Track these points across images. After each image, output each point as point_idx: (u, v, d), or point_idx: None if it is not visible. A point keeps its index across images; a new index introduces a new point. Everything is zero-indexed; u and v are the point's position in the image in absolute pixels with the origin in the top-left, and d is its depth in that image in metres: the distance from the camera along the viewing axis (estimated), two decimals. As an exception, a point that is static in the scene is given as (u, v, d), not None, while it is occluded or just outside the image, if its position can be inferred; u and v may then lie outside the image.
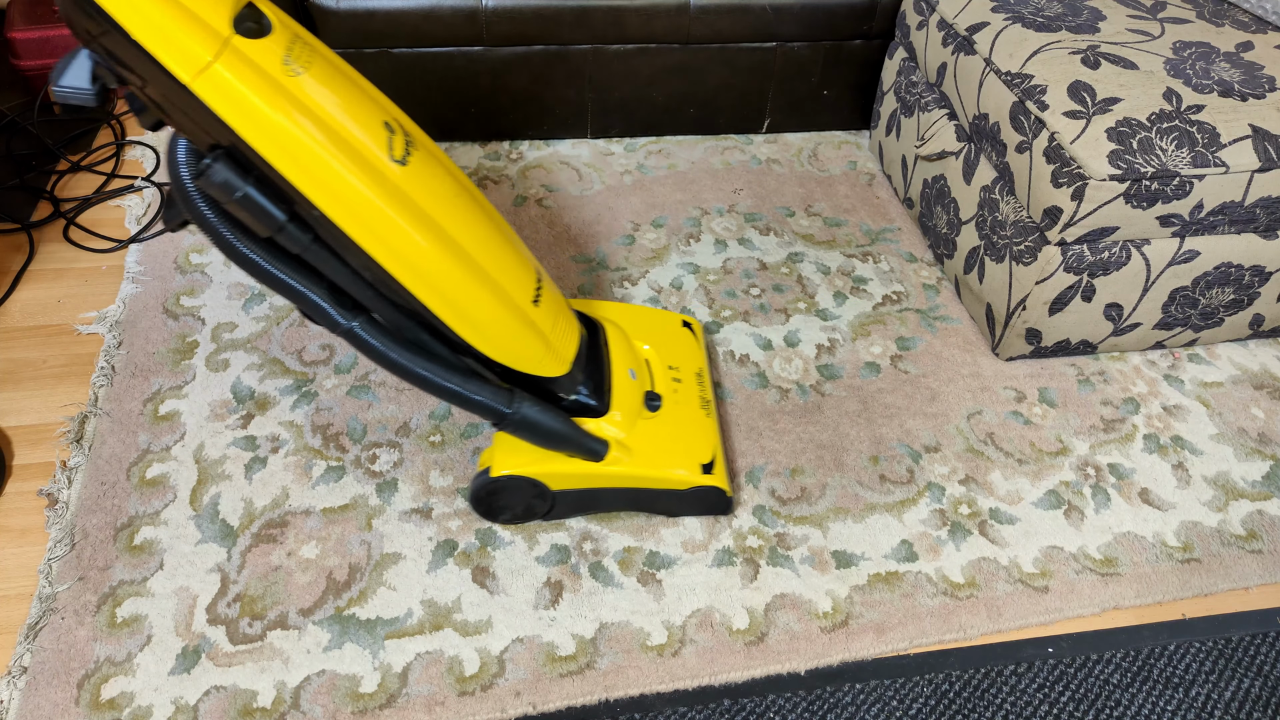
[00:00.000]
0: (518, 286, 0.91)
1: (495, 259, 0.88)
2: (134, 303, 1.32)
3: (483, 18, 1.52)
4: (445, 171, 0.85)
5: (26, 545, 1.02)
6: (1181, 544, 1.11)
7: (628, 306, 1.20)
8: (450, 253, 0.83)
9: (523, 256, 0.94)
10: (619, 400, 1.03)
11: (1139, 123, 1.10)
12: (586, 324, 1.10)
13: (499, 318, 0.89)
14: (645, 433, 1.04)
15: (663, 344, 1.16)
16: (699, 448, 1.05)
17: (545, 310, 0.94)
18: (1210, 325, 1.32)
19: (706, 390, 1.13)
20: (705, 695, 0.93)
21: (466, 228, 0.85)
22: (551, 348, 0.95)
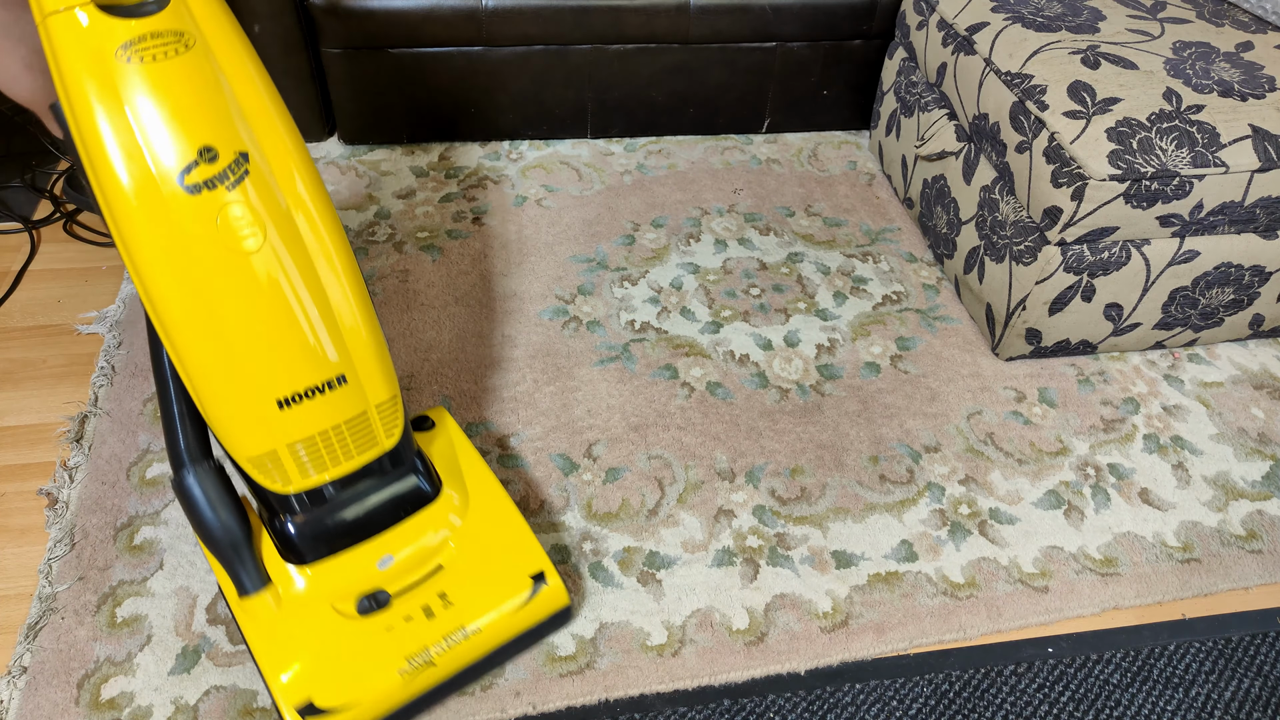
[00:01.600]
0: (266, 374, 0.78)
1: (249, 333, 0.77)
2: (134, 303, 1.32)
3: (483, 18, 1.52)
4: (254, 221, 0.76)
5: (26, 545, 1.02)
6: (1181, 544, 1.11)
7: (506, 505, 0.97)
8: (185, 290, 0.75)
9: (309, 356, 0.80)
10: (335, 568, 0.87)
11: (1139, 123, 1.10)
12: (413, 476, 0.92)
13: (214, 382, 0.78)
14: (318, 617, 0.86)
15: (476, 570, 0.92)
16: (334, 684, 0.83)
17: (298, 419, 0.81)
18: (1210, 325, 1.32)
19: (452, 656, 0.87)
20: (705, 695, 0.93)
21: (231, 285, 0.75)
22: (276, 457, 0.82)
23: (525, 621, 0.91)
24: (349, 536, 0.88)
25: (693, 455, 1.16)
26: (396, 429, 0.89)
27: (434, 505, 0.93)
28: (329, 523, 0.87)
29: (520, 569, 0.92)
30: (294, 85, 1.58)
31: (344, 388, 0.83)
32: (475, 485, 0.97)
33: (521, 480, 1.12)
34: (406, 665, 0.84)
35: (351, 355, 0.83)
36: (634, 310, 1.37)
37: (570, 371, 1.26)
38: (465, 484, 0.97)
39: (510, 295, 1.38)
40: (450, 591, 0.89)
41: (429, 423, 1.03)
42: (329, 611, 0.87)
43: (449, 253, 1.46)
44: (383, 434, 0.87)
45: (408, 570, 0.90)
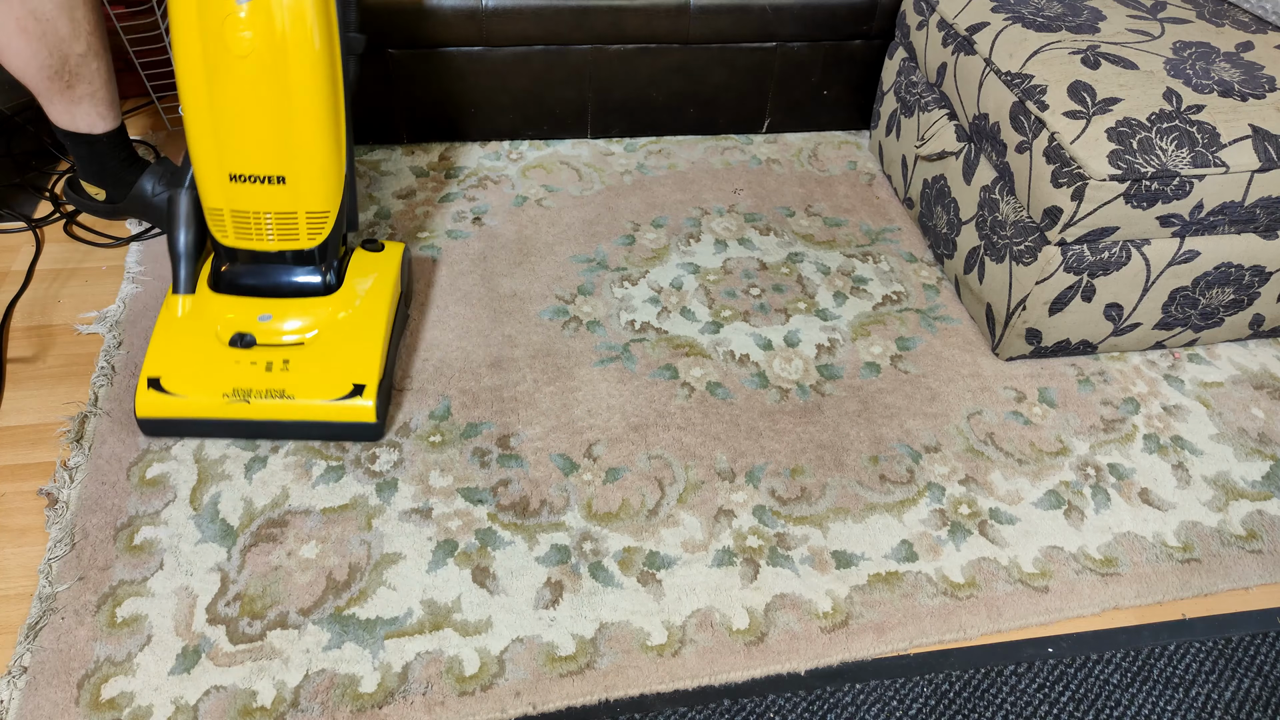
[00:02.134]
0: (228, 153, 1.05)
1: (229, 116, 1.03)
2: (134, 303, 1.32)
3: (483, 18, 1.52)
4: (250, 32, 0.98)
5: (26, 545, 1.02)
6: (1181, 544, 1.11)
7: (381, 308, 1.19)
8: (190, 64, 1.00)
9: (261, 147, 1.04)
10: (228, 305, 1.14)
11: (1139, 123, 1.10)
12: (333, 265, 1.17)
13: (202, 146, 1.06)
14: (195, 333, 1.13)
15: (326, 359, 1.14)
16: (190, 372, 1.10)
17: (239, 194, 1.08)
18: (1210, 325, 1.32)
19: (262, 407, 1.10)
20: (705, 695, 0.93)
21: (217, 75, 1.00)
22: (222, 216, 1.11)
23: (330, 414, 1.10)
24: (251, 290, 1.15)
25: (693, 455, 1.16)
26: (320, 236, 1.14)
27: (323, 299, 1.16)
28: (243, 274, 1.15)
29: (350, 374, 1.11)
30: (294, 85, 1.58)
31: (282, 187, 1.08)
32: (369, 305, 1.17)
33: (522, 480, 1.12)
34: (231, 393, 1.08)
35: (297, 165, 1.07)
36: (634, 310, 1.37)
37: (570, 371, 1.26)
38: (364, 300, 1.18)
39: (510, 295, 1.38)
40: (293, 362, 1.11)
41: (378, 247, 1.25)
42: (212, 331, 1.12)
43: (449, 253, 1.46)
44: (305, 235, 1.13)
45: (278, 332, 1.13)
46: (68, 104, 1.27)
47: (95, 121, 1.30)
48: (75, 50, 1.21)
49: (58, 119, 1.29)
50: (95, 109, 1.29)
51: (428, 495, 1.09)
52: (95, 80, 1.27)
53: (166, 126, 1.70)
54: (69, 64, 1.22)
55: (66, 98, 1.26)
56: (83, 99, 1.27)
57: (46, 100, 1.26)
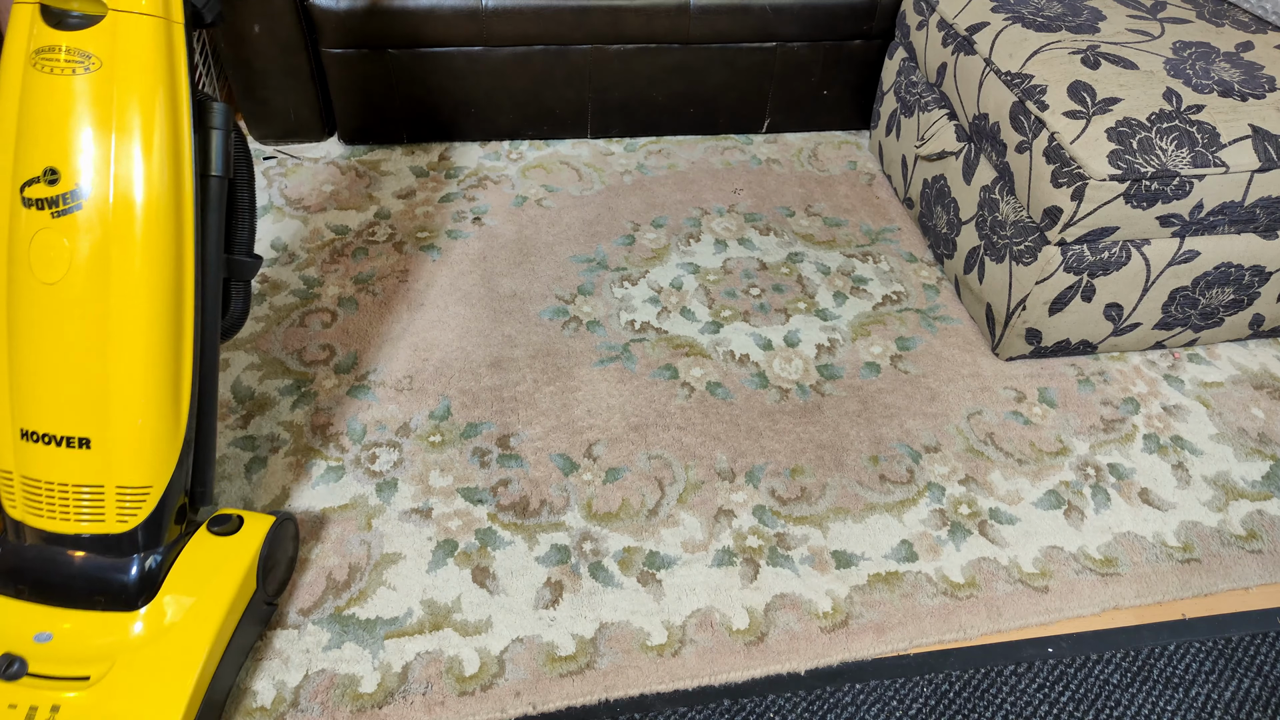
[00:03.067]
0: (18, 401, 0.80)
1: (18, 347, 0.79)
2: (134, 302, 1.32)
3: (483, 17, 1.52)
4: (61, 255, 0.77)
5: (26, 545, 1.01)
6: (1181, 544, 1.11)
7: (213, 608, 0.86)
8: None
9: (64, 402, 0.79)
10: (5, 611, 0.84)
11: (1139, 123, 1.10)
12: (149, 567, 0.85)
13: None
14: None
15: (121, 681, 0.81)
16: None
17: (32, 458, 0.81)
18: (1210, 325, 1.32)
19: None
20: (705, 695, 0.93)
21: (19, 301, 0.78)
22: (10, 481, 0.83)
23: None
24: (30, 590, 0.83)
25: (693, 455, 1.16)
26: (134, 519, 0.83)
27: (124, 615, 0.84)
28: (22, 565, 0.84)
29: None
30: (294, 85, 1.58)
31: (85, 452, 0.81)
32: (190, 624, 0.84)
33: (522, 480, 1.12)
34: None
35: (112, 427, 0.80)
36: (634, 310, 1.37)
37: (570, 371, 1.26)
38: (182, 619, 0.84)
39: (510, 295, 1.38)
40: (65, 711, 0.78)
41: (233, 526, 0.91)
42: None
43: (449, 253, 1.46)
44: (114, 516, 0.83)
45: (58, 659, 0.81)
46: None
47: None
48: None
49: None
50: None
51: (428, 495, 1.09)
52: None
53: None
54: None
55: None
56: None
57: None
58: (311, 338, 1.29)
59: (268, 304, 1.33)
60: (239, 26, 1.47)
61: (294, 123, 1.64)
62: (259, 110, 1.61)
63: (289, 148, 1.67)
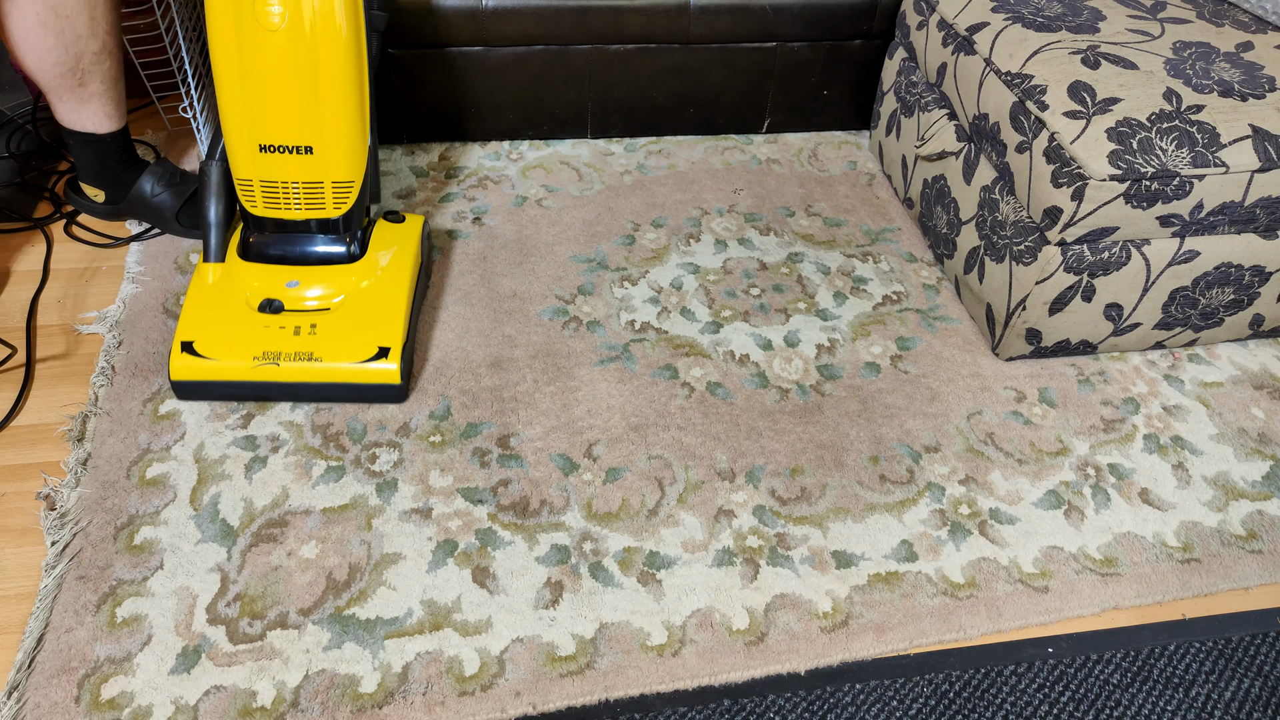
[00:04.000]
0: (258, 124, 1.10)
1: (257, 87, 1.07)
2: (134, 303, 1.32)
3: (483, 17, 1.52)
4: (282, 10, 1.03)
5: (26, 545, 1.02)
6: (1181, 544, 1.11)
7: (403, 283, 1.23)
8: (224, 39, 1.04)
9: (290, 118, 1.09)
10: (257, 273, 1.19)
11: (1139, 123, 1.10)
12: (359, 237, 1.23)
13: (231, 115, 1.10)
14: (228, 299, 1.18)
15: (350, 317, 1.19)
16: (221, 338, 1.14)
17: (268, 164, 1.13)
18: (1210, 325, 1.32)
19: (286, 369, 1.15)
20: (705, 695, 0.93)
21: (250, 48, 1.05)
22: (251, 187, 1.15)
23: (356, 376, 1.15)
24: (279, 258, 1.20)
25: (693, 455, 1.16)
26: (345, 205, 1.18)
27: (348, 267, 1.20)
28: (271, 243, 1.20)
29: (375, 338, 1.16)
30: (294, 85, 1.58)
31: (310, 157, 1.12)
32: (391, 273, 1.23)
33: (522, 480, 1.12)
34: (261, 355, 1.13)
35: (326, 137, 1.11)
36: (634, 310, 1.37)
37: (570, 371, 1.26)
38: (386, 268, 1.23)
39: (510, 295, 1.38)
40: (321, 326, 1.15)
41: (400, 219, 1.31)
42: (242, 297, 1.17)
43: (449, 253, 1.46)
44: (331, 205, 1.18)
45: (305, 298, 1.18)
46: (77, 102, 1.27)
47: (102, 121, 1.31)
48: (90, 48, 1.22)
49: (64, 117, 1.29)
50: (103, 108, 1.29)
51: (428, 495, 1.09)
52: (106, 79, 1.27)
53: (167, 127, 1.70)
54: (83, 62, 1.22)
55: (76, 96, 1.26)
56: (92, 98, 1.27)
57: (56, 97, 1.26)
58: (311, 338, 1.29)
59: (268, 304, 1.33)
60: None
61: None
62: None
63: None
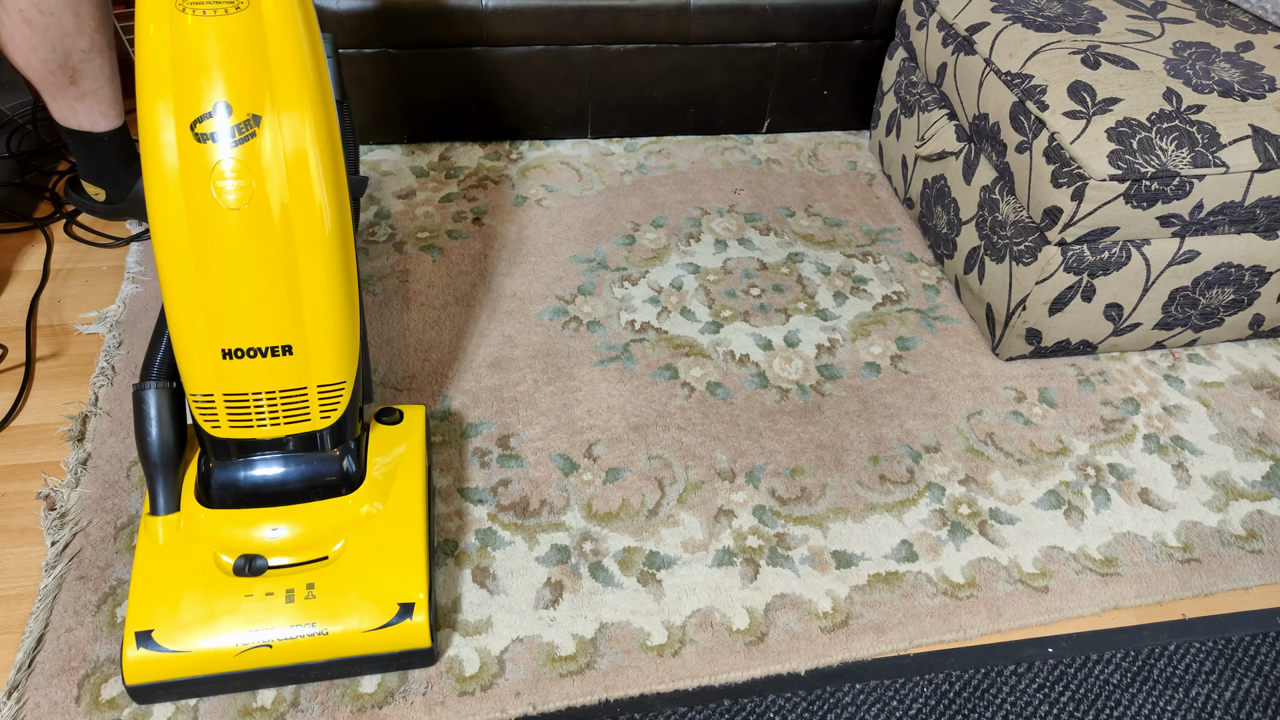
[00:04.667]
0: (219, 325, 0.84)
1: (210, 276, 0.82)
2: (134, 303, 1.32)
3: (483, 17, 1.52)
4: (245, 183, 0.80)
5: (26, 545, 1.02)
6: (1181, 544, 1.11)
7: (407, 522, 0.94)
8: (171, 225, 0.80)
9: (261, 317, 0.84)
10: (227, 520, 0.90)
11: (1139, 123, 1.10)
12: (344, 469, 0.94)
13: (179, 312, 0.83)
14: (192, 563, 0.88)
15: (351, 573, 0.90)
16: (181, 625, 0.85)
17: (235, 374, 0.85)
18: (1210, 325, 1.32)
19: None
20: (705, 695, 0.93)
21: (206, 232, 0.80)
22: (212, 402, 0.87)
23: (377, 645, 0.88)
24: (254, 497, 0.91)
25: (693, 455, 1.16)
26: (335, 413, 0.91)
27: (346, 498, 0.93)
28: (242, 477, 0.91)
29: (394, 593, 0.88)
30: (294, 85, 1.58)
31: (288, 359, 0.86)
32: (400, 494, 0.95)
33: (522, 480, 1.12)
34: (245, 644, 0.84)
35: (306, 331, 0.86)
36: (634, 310, 1.37)
37: (570, 371, 1.26)
38: (392, 489, 0.95)
39: (510, 295, 1.38)
40: (320, 586, 0.87)
41: (397, 417, 1.03)
42: (210, 559, 0.88)
43: (449, 253, 1.46)
44: (318, 413, 0.90)
45: (294, 548, 0.90)
46: (70, 100, 1.26)
47: (97, 119, 1.30)
48: (79, 45, 1.21)
49: (60, 115, 1.29)
50: (97, 106, 1.29)
51: (428, 495, 1.09)
52: (99, 77, 1.26)
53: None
54: (72, 59, 1.21)
55: (69, 94, 1.25)
56: (85, 95, 1.26)
57: (49, 96, 1.26)
58: (311, 338, 1.28)
59: (268, 304, 1.33)
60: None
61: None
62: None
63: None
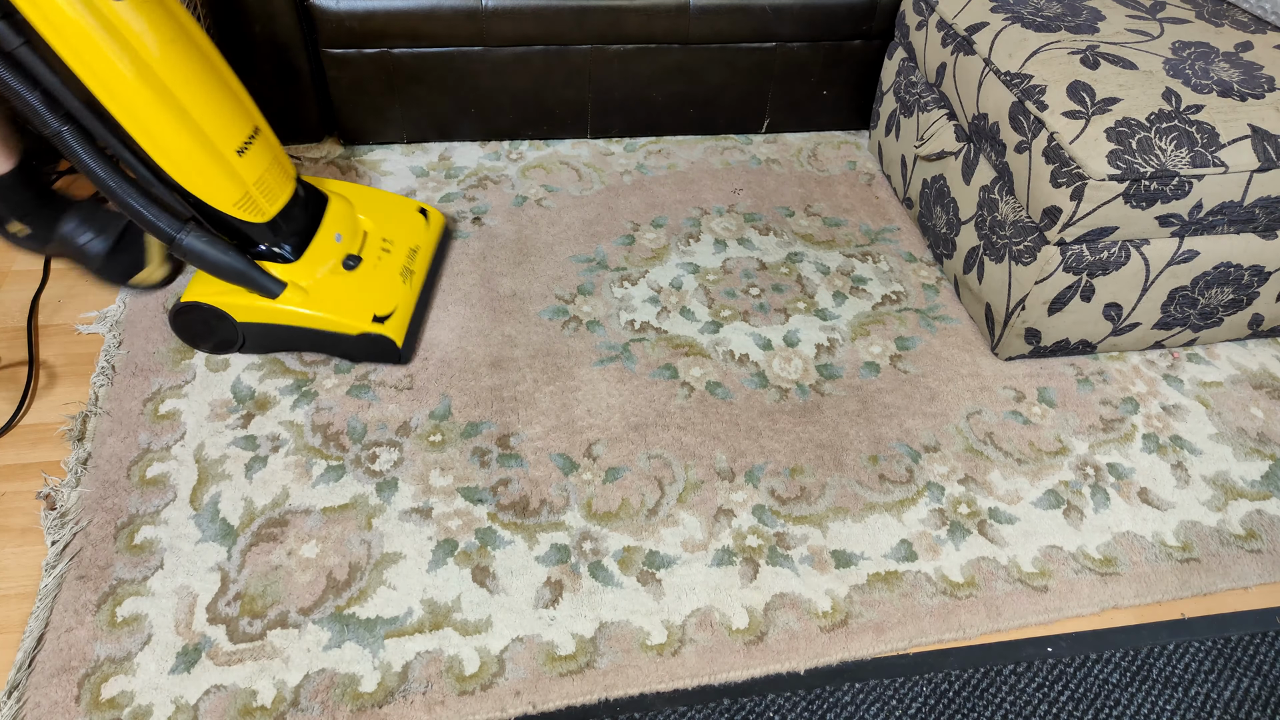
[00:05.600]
0: (222, 134, 1.05)
1: (200, 103, 1.02)
2: (134, 302, 1.32)
3: (483, 17, 1.52)
4: (166, 15, 0.98)
5: (26, 545, 1.02)
6: (1180, 543, 1.11)
7: (364, 188, 1.36)
8: (149, 86, 0.96)
9: (238, 110, 1.08)
10: (314, 254, 1.19)
11: (1138, 123, 1.11)
12: (314, 194, 1.26)
13: (192, 154, 1.02)
14: (331, 284, 1.19)
15: (386, 222, 1.31)
16: (379, 302, 1.19)
17: (251, 163, 1.10)
18: (1209, 325, 1.32)
19: (416, 265, 1.29)
20: (705, 695, 0.93)
21: (175, 69, 0.98)
22: (250, 196, 1.10)
23: (434, 236, 1.36)
24: (309, 233, 1.20)
25: (693, 455, 1.16)
26: (291, 168, 1.21)
27: (332, 202, 1.26)
28: (295, 229, 1.19)
29: (410, 212, 1.35)
30: (294, 85, 1.58)
31: (260, 136, 1.12)
32: (346, 191, 1.33)
33: (522, 480, 1.12)
34: (400, 275, 1.24)
35: (251, 113, 1.11)
36: (634, 310, 1.37)
37: (570, 371, 1.26)
38: (341, 192, 1.31)
39: (510, 295, 1.38)
40: (388, 236, 1.28)
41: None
42: (331, 275, 1.19)
43: (449, 253, 1.46)
44: (290, 170, 1.20)
45: (352, 239, 1.24)
46: None
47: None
48: None
49: None
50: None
51: (428, 495, 1.09)
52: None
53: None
54: None
55: None
56: None
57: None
58: (311, 337, 1.29)
59: (268, 304, 1.33)
60: (238, 27, 1.47)
61: (294, 123, 1.64)
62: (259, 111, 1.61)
63: (289, 148, 1.67)
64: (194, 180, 1.05)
